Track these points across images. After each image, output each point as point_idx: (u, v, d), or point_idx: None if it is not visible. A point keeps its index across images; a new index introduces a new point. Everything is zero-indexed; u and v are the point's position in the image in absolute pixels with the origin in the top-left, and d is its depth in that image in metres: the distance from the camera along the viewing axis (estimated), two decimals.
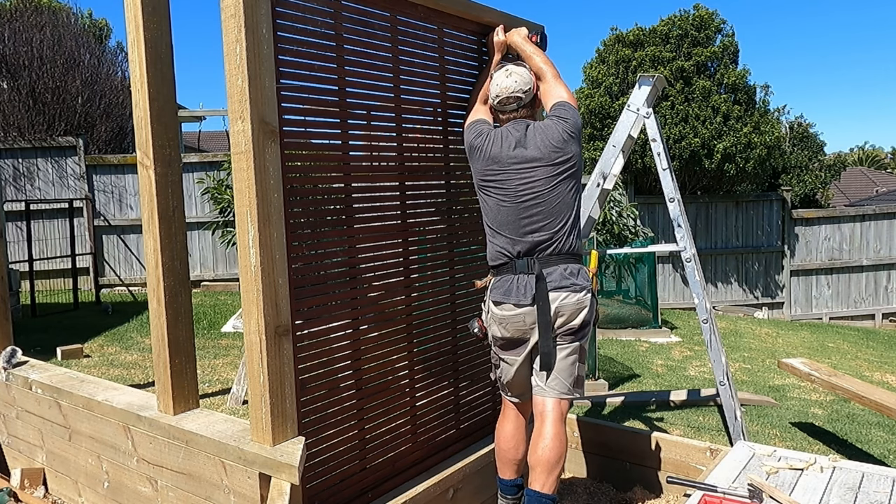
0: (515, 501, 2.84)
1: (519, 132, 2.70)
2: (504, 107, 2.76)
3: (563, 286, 2.62)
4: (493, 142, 2.72)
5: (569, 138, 2.67)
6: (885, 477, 2.68)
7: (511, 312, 2.67)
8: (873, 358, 8.44)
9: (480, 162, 2.74)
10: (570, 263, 2.67)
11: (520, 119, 2.75)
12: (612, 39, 12.92)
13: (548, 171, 2.64)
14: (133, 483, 2.86)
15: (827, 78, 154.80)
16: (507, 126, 2.75)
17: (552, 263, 2.65)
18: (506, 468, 2.84)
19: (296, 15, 2.36)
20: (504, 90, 2.74)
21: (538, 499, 2.59)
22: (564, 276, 2.64)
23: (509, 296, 2.66)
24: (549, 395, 2.66)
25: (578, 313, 2.64)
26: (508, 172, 2.67)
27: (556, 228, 2.66)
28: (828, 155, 18.30)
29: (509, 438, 2.83)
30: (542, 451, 2.61)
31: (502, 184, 2.68)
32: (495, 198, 2.71)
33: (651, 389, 5.85)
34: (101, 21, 15.91)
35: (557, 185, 2.65)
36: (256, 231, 2.20)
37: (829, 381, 4.29)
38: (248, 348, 2.28)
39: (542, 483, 2.59)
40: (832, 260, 12.94)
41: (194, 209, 10.65)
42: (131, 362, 6.24)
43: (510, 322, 2.68)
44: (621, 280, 8.91)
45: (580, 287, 2.64)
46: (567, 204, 2.68)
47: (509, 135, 2.70)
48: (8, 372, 3.51)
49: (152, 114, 2.60)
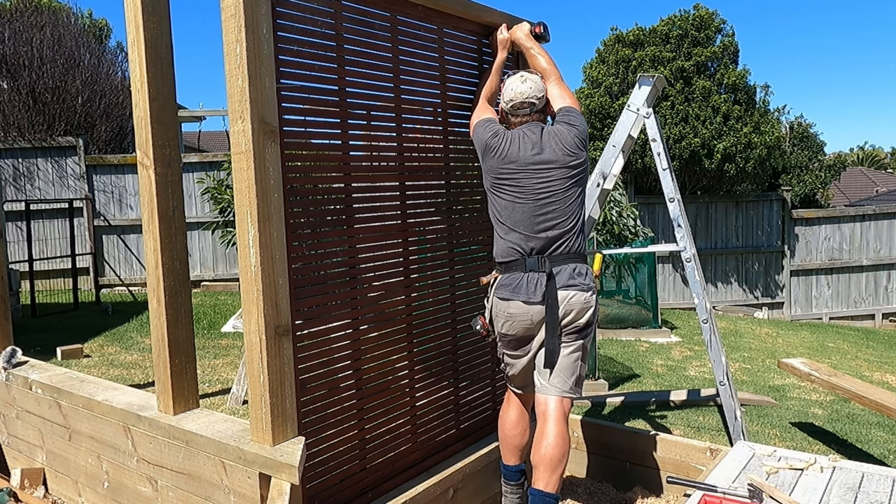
0: (518, 487, 2.89)
1: (535, 135, 2.77)
2: (517, 111, 2.82)
3: (571, 284, 2.68)
4: (510, 142, 2.77)
5: (580, 143, 2.78)
6: (885, 477, 2.68)
7: (519, 310, 2.69)
8: (873, 358, 8.44)
9: (496, 161, 2.77)
10: (578, 263, 2.73)
11: (533, 122, 2.82)
12: (612, 39, 12.92)
13: (563, 174, 2.73)
14: (133, 483, 2.86)
15: (827, 78, 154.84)
16: (522, 128, 2.81)
17: (562, 262, 2.70)
18: (510, 454, 2.88)
19: (296, 15, 2.36)
20: (519, 95, 2.79)
21: (542, 498, 2.60)
22: (573, 275, 2.70)
23: (518, 293, 2.69)
24: (551, 392, 2.69)
25: (585, 312, 2.70)
26: (527, 172, 2.72)
27: (568, 228, 2.73)
28: (828, 155, 18.28)
29: (514, 425, 2.88)
30: (545, 449, 2.62)
31: (519, 182, 2.73)
32: (510, 195, 2.74)
33: (651, 389, 5.85)
34: (101, 21, 15.91)
35: (570, 187, 2.74)
36: (256, 231, 2.20)
37: (829, 381, 4.29)
38: (248, 348, 2.28)
39: (546, 482, 2.60)
40: (832, 260, 12.94)
41: (194, 209, 10.65)
42: (131, 362, 6.24)
43: (517, 319, 2.71)
44: (621, 280, 8.91)
45: (587, 287, 2.71)
46: (577, 206, 2.77)
47: (526, 137, 2.76)
48: (8, 372, 3.51)
49: (152, 114, 2.60)
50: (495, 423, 3.34)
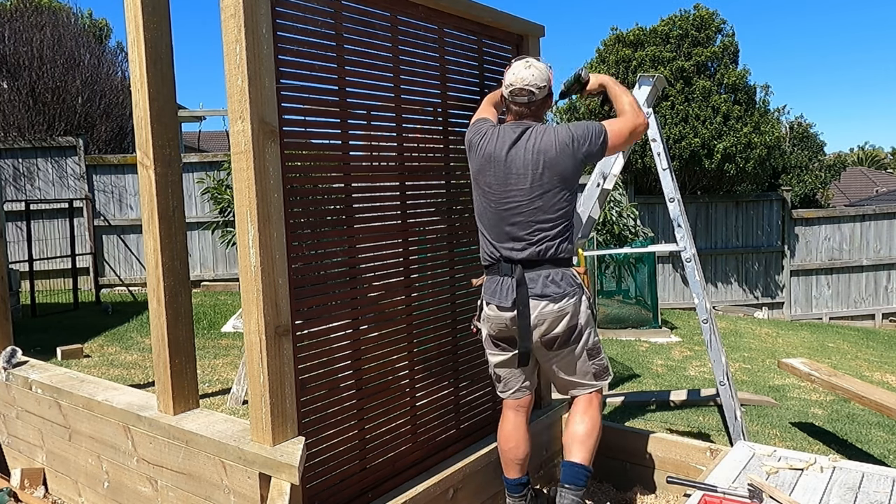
0: (522, 499, 2.88)
1: (515, 133, 2.66)
2: (515, 98, 2.68)
3: (544, 294, 2.64)
4: (489, 140, 2.70)
5: (564, 148, 2.60)
6: (885, 477, 2.68)
7: (494, 313, 2.73)
8: (873, 358, 8.44)
9: (476, 161, 2.75)
10: (553, 269, 2.66)
11: (521, 122, 2.70)
12: (613, 39, 12.92)
13: (531, 181, 2.60)
14: (133, 483, 2.86)
15: (827, 78, 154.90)
16: (506, 125, 2.72)
17: (534, 269, 2.66)
18: (509, 467, 2.89)
19: (296, 15, 2.36)
20: (519, 80, 2.65)
21: (571, 467, 2.74)
22: (546, 283, 2.64)
23: (494, 297, 2.72)
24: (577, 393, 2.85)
25: (558, 322, 2.66)
26: (496, 175, 2.66)
27: (539, 238, 2.64)
28: (828, 155, 18.28)
29: (508, 438, 2.87)
30: (573, 427, 2.80)
31: (490, 186, 2.69)
32: (484, 199, 2.73)
33: (651, 389, 5.85)
34: (101, 21, 15.92)
35: (542, 195, 2.61)
36: (256, 231, 2.20)
37: (829, 381, 4.28)
38: (248, 348, 2.28)
39: (575, 453, 2.75)
40: (832, 260, 12.94)
41: (194, 209, 10.65)
42: (131, 362, 6.24)
43: (494, 322, 2.75)
44: (621, 280, 8.92)
45: (561, 295, 2.64)
46: (554, 212, 2.63)
47: (504, 135, 2.68)
48: (8, 372, 3.51)
49: (152, 114, 2.60)
50: (495, 423, 3.34)
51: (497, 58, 3.26)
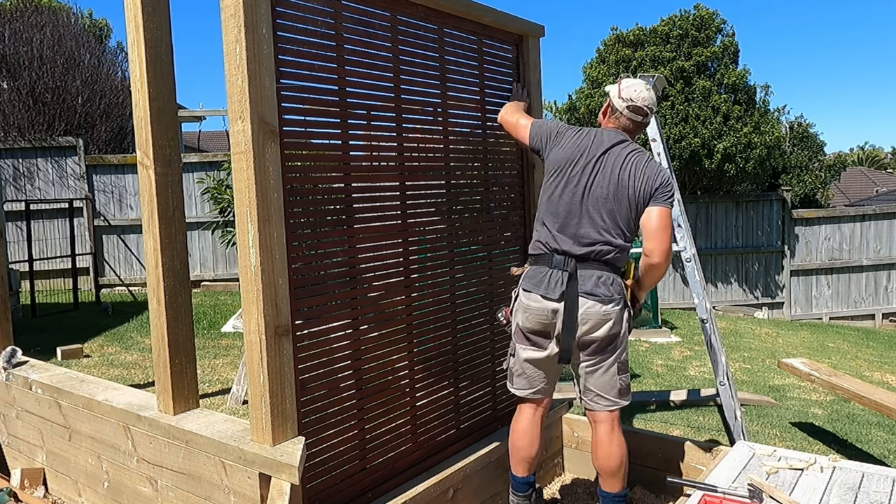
0: (527, 499, 2.88)
1: (614, 140, 2.73)
2: (633, 114, 2.77)
3: (593, 293, 2.65)
4: (584, 136, 2.76)
5: (646, 191, 2.65)
6: (885, 477, 2.68)
7: (537, 304, 2.70)
8: (873, 358, 8.44)
9: (565, 149, 2.76)
10: (605, 271, 2.68)
11: (619, 132, 2.78)
12: (613, 39, 12.91)
13: (616, 188, 2.66)
14: (133, 483, 2.86)
15: (827, 78, 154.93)
16: (605, 130, 2.79)
17: (589, 267, 2.67)
18: (517, 465, 2.87)
19: (296, 15, 2.36)
20: (642, 99, 2.76)
21: (612, 498, 2.76)
22: (597, 283, 2.66)
23: (539, 287, 2.70)
24: (599, 409, 2.76)
25: (602, 324, 2.65)
26: (586, 170, 2.69)
27: (605, 240, 2.67)
28: (828, 155, 18.29)
29: (523, 435, 2.85)
30: (603, 458, 2.76)
31: (576, 177, 2.70)
32: (563, 188, 2.72)
33: (651, 389, 5.85)
34: (101, 21, 15.93)
35: (619, 205, 2.67)
36: (256, 231, 2.20)
37: (829, 381, 4.28)
38: (248, 348, 2.28)
39: (611, 485, 2.78)
40: (832, 260, 12.93)
41: (194, 209, 10.65)
42: (131, 362, 6.24)
43: (533, 312, 2.71)
44: None
45: (609, 298, 2.66)
46: (625, 223, 2.69)
47: (604, 137, 2.74)
48: (8, 372, 3.51)
49: (152, 114, 2.60)
50: (495, 423, 3.35)
51: (497, 58, 3.26)
